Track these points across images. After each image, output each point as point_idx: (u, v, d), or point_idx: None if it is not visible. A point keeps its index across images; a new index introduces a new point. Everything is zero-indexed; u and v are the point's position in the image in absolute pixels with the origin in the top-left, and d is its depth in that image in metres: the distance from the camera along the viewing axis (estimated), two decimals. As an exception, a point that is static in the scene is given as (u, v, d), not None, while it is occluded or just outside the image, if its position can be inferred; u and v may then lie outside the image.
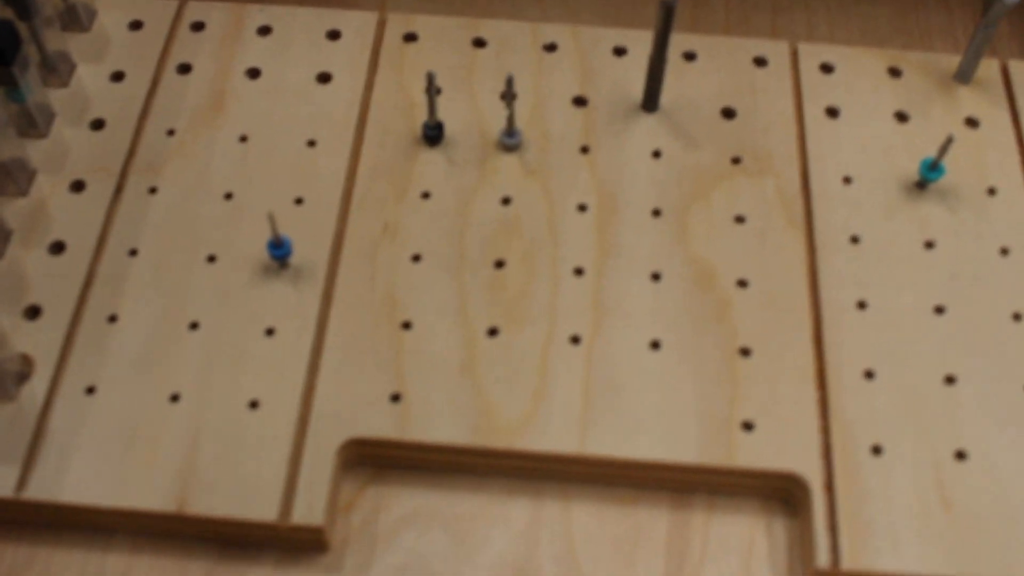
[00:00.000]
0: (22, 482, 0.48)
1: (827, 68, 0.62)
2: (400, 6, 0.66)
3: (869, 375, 0.51)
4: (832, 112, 0.60)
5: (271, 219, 0.51)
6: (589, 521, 0.50)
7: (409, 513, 0.50)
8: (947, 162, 0.56)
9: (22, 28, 0.56)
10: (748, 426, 0.50)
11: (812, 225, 0.56)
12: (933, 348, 0.52)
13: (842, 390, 0.51)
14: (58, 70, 0.60)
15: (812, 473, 0.49)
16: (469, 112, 0.59)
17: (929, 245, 0.55)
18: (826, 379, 0.51)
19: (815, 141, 0.59)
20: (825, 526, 0.48)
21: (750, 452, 0.49)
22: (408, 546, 0.49)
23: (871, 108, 0.60)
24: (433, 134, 0.57)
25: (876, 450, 0.49)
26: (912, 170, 0.57)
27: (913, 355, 0.52)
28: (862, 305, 0.53)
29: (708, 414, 0.50)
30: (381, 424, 0.50)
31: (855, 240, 0.55)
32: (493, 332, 0.52)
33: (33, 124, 0.57)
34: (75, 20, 0.62)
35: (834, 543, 0.47)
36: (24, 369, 0.51)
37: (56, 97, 0.59)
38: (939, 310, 0.53)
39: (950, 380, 0.51)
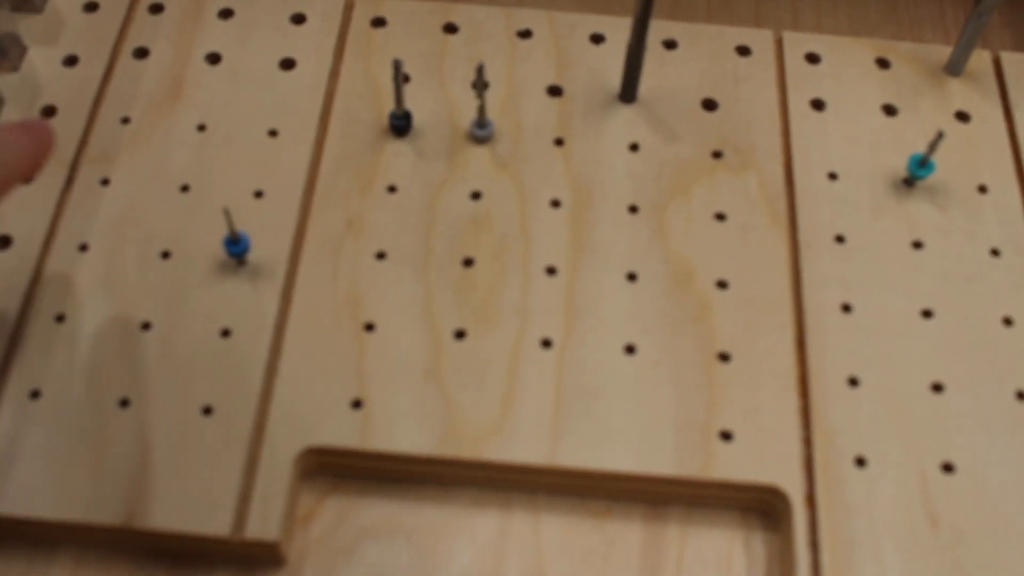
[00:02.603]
0: (-40, 492, 0.46)
1: (813, 58, 0.59)
2: (369, -11, 0.63)
3: (853, 382, 0.49)
4: (818, 104, 0.57)
5: (227, 214, 0.49)
6: (559, 534, 0.47)
7: (371, 525, 0.47)
8: (937, 158, 0.54)
9: (-31, 9, 0.53)
10: (727, 436, 0.48)
11: (796, 223, 0.54)
12: (920, 354, 0.50)
13: (825, 398, 0.49)
14: (8, 53, 0.57)
15: (793, 486, 0.47)
16: (438, 101, 0.57)
17: (917, 245, 0.53)
18: (809, 386, 0.49)
19: (800, 135, 0.56)
20: (806, 542, 0.46)
21: (728, 463, 0.47)
22: (370, 560, 0.46)
23: (858, 101, 0.58)
24: (400, 124, 0.55)
25: (860, 461, 0.47)
26: (900, 166, 0.55)
27: (899, 361, 0.50)
28: (847, 308, 0.51)
29: (685, 423, 0.48)
30: (341, 432, 0.47)
31: (840, 239, 0.53)
32: (460, 334, 0.50)
33: (-21, 111, 0.55)
34: (27, 1, 0.59)
35: (815, 560, 0.45)
36: (-35, 371, 0.48)
37: (5, 82, 0.56)
38: (927, 314, 0.51)
39: (938, 388, 0.49)
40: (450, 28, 0.59)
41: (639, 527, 0.48)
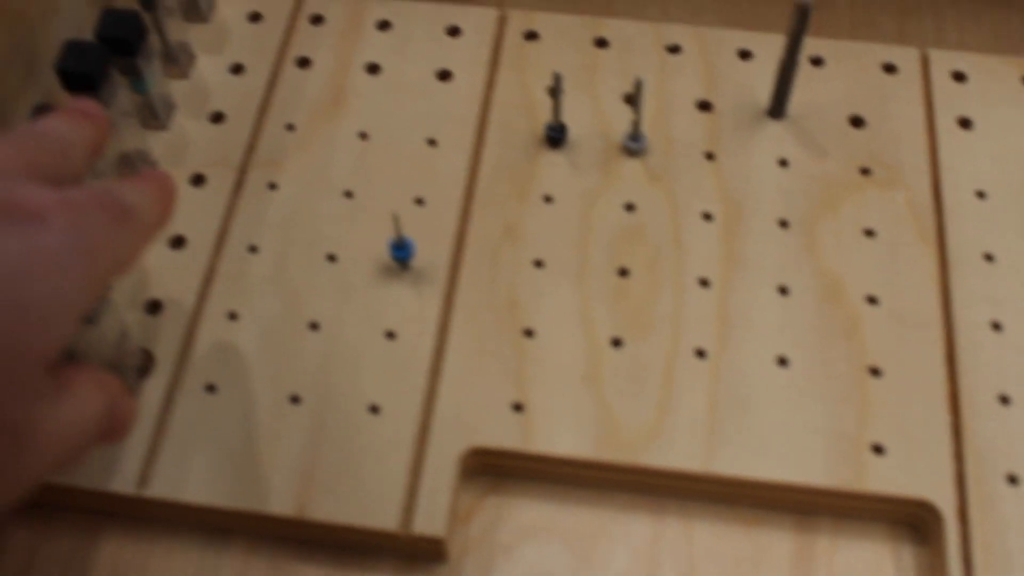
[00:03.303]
0: (143, 479, 0.48)
1: (959, 76, 0.60)
2: (519, 3, 0.65)
3: (1004, 400, 0.50)
4: (965, 123, 0.58)
5: (396, 220, 0.51)
6: (711, 540, 0.49)
7: (528, 525, 0.49)
8: (1087, 179, 0.54)
9: (146, 18, 0.55)
10: (878, 449, 0.49)
11: (944, 240, 0.54)
12: (1071, 373, 0.51)
13: (976, 414, 0.49)
14: (179, 61, 0.59)
15: (944, 501, 0.47)
16: (591, 114, 0.58)
17: (1067, 264, 0.54)
18: (959, 402, 0.50)
19: (947, 153, 0.57)
20: (959, 557, 0.46)
21: (879, 476, 0.48)
22: (529, 559, 0.48)
23: (1005, 120, 0.58)
24: (556, 136, 0.56)
25: (1012, 479, 0.48)
26: (1049, 186, 0.56)
27: (1050, 380, 0.50)
28: (997, 326, 0.52)
29: (837, 435, 0.49)
30: (503, 434, 0.49)
31: (989, 258, 0.54)
32: (617, 342, 0.51)
33: (155, 115, 0.57)
34: (195, 10, 0.61)
35: (968, 575, 0.46)
36: (145, 364, 0.51)
37: (176, 89, 0.59)
38: (1078, 333, 0.52)
39: (1090, 407, 0.50)
40: (601, 42, 0.61)
41: (790, 536, 0.49)
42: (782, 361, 0.51)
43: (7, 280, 0.35)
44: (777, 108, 0.58)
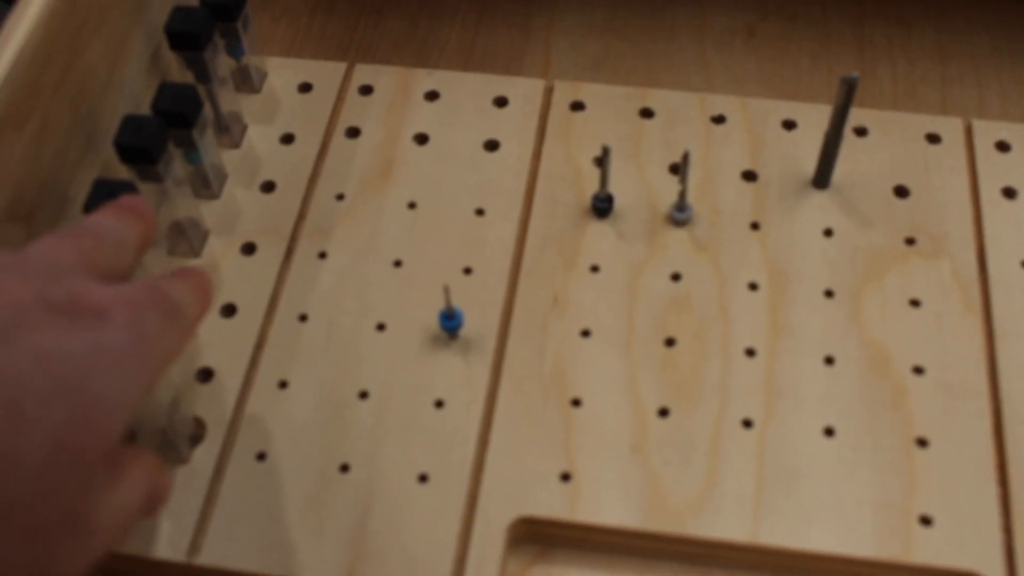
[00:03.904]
0: (194, 547, 0.49)
1: (1003, 146, 0.60)
2: (564, 74, 0.66)
3: (1053, 472, 0.50)
4: (1009, 193, 0.58)
5: (446, 291, 0.51)
6: (759, 611, 0.49)
7: (576, 594, 0.49)
8: None
9: (200, 90, 0.56)
10: (926, 520, 0.49)
11: (990, 311, 0.54)
12: (1120, 445, 0.50)
13: (1025, 487, 0.49)
14: (231, 131, 0.60)
15: (994, 573, 0.47)
16: (637, 184, 0.59)
17: (1113, 336, 0.53)
18: (1008, 474, 0.50)
19: (992, 223, 0.57)
20: (1009, 630, 0.46)
21: (928, 548, 0.48)
22: (575, 629, 0.48)
23: (1050, 190, 0.58)
24: (603, 206, 0.57)
25: (1062, 552, 0.48)
26: (1094, 256, 0.56)
27: (1099, 452, 0.50)
28: (1044, 397, 0.52)
29: (885, 506, 0.49)
30: (551, 503, 0.49)
31: (1035, 328, 0.54)
32: (664, 412, 0.51)
33: (207, 185, 0.58)
34: (247, 81, 0.63)
35: (1019, 649, 0.46)
36: (197, 432, 0.51)
37: (228, 158, 0.60)
38: None
39: None
40: (646, 113, 0.62)
41: (838, 607, 0.49)
42: (829, 432, 0.51)
43: (74, 380, 0.37)
44: (822, 178, 0.58)
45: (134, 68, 0.56)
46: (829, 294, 0.55)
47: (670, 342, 0.53)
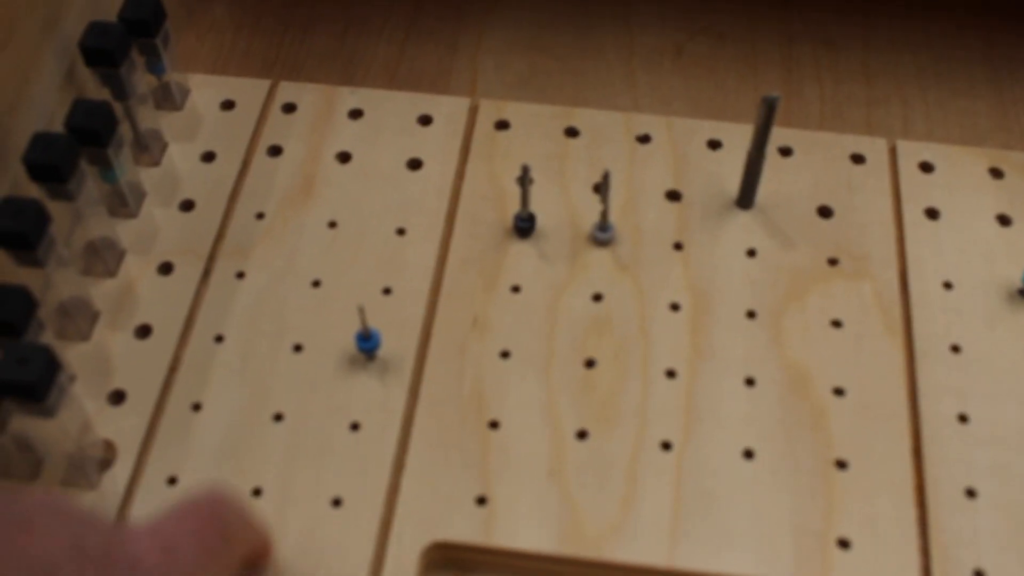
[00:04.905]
0: (101, 574, 0.47)
1: (927, 167, 0.60)
2: (491, 92, 0.65)
3: (971, 493, 0.50)
4: (932, 213, 0.58)
5: (361, 312, 0.51)
6: (676, 636, 0.48)
7: (491, 620, 0.48)
8: (1053, 271, 0.55)
9: (117, 107, 0.55)
10: (844, 543, 0.48)
11: (911, 332, 0.54)
12: (1038, 466, 0.50)
13: (942, 508, 0.49)
14: (150, 149, 0.59)
15: (911, 596, 0.47)
16: (561, 204, 0.58)
17: (1033, 356, 0.54)
18: (926, 496, 0.50)
19: (914, 243, 0.57)
20: (925, 654, 0.46)
21: (846, 571, 0.48)
22: (490, 655, 0.48)
23: (972, 210, 0.59)
24: (525, 226, 0.57)
25: (978, 574, 0.47)
26: (1015, 276, 0.56)
27: (1018, 472, 0.50)
28: (963, 418, 0.52)
29: (803, 529, 0.49)
30: (466, 528, 0.48)
31: (956, 349, 0.54)
32: (582, 435, 0.51)
33: (124, 203, 0.57)
34: (168, 99, 0.62)
35: (935, 673, 0.45)
36: (107, 456, 0.50)
37: (147, 176, 0.59)
38: (1044, 426, 0.52)
39: (1056, 501, 0.49)
40: (571, 132, 0.61)
41: (756, 632, 0.48)
42: (748, 454, 0.51)
43: None
44: (745, 198, 0.58)
45: (46, 85, 0.55)
46: (751, 315, 0.55)
47: (590, 363, 0.53)
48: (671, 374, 0.53)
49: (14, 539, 0.36)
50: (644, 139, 0.61)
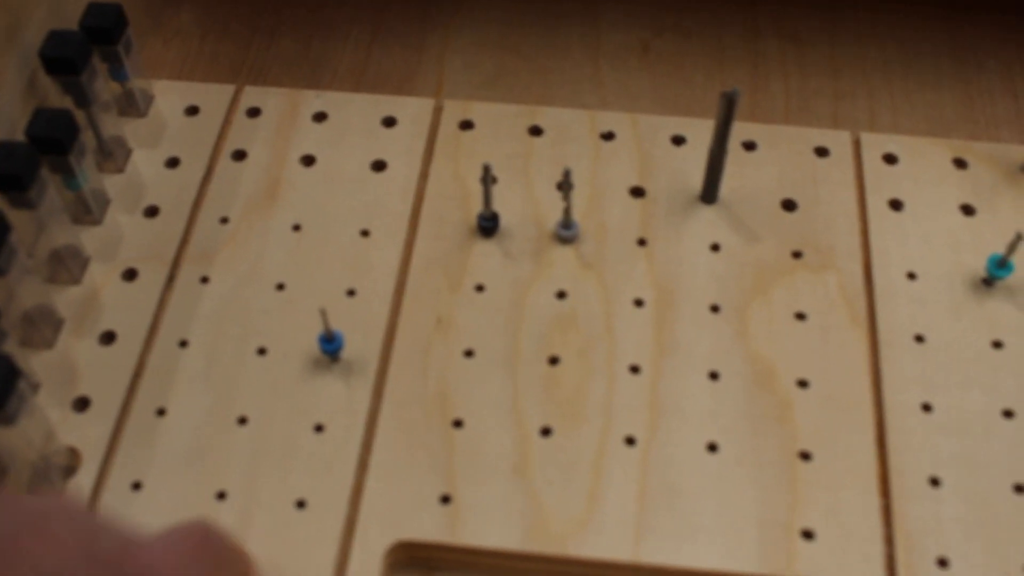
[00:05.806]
0: (66, 580, 0.47)
1: (891, 159, 0.60)
2: (458, 92, 0.65)
3: (935, 482, 0.50)
4: (896, 204, 0.58)
5: (323, 315, 0.51)
6: (643, 630, 0.48)
7: (458, 619, 0.48)
8: (1016, 258, 0.55)
9: (79, 115, 0.55)
10: (808, 535, 0.48)
11: (875, 323, 0.54)
12: (1002, 454, 0.50)
13: (906, 498, 0.49)
14: (114, 155, 0.59)
15: (876, 586, 0.47)
16: (525, 202, 0.58)
17: (997, 345, 0.54)
18: (890, 486, 0.50)
19: (878, 235, 0.57)
20: (890, 643, 0.46)
21: (811, 562, 0.48)
22: (457, 654, 0.48)
23: (936, 201, 0.59)
24: (488, 225, 0.57)
25: (942, 563, 0.48)
26: (979, 266, 0.56)
27: (981, 461, 0.50)
28: (927, 407, 0.52)
29: (768, 521, 0.49)
30: (431, 527, 0.48)
31: (920, 339, 0.54)
32: (546, 431, 0.51)
33: (88, 211, 0.57)
34: (132, 105, 0.62)
35: (899, 662, 0.46)
36: (71, 463, 0.50)
37: (111, 183, 0.59)
38: (1008, 414, 0.52)
39: (1020, 489, 0.49)
40: (535, 131, 0.61)
41: (722, 624, 0.48)
42: (712, 448, 0.51)
43: None
44: (709, 193, 0.58)
45: (7, 93, 0.54)
46: (715, 309, 0.55)
47: (554, 361, 0.53)
48: (635, 370, 0.53)
49: (26, 543, 0.36)
50: (608, 136, 0.61)
